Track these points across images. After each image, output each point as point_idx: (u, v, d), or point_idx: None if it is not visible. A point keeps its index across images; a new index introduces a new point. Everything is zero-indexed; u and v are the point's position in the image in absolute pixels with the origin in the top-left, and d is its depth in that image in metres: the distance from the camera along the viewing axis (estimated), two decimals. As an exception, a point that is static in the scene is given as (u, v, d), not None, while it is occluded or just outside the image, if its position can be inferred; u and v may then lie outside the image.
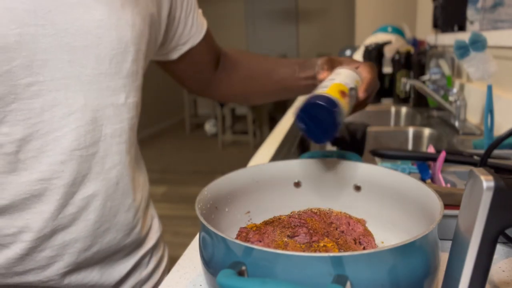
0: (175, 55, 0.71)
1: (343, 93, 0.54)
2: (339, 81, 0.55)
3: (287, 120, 1.54)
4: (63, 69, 0.49)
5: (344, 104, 0.53)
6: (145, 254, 0.68)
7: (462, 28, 1.56)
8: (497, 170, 0.66)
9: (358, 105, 0.61)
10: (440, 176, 0.67)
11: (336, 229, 0.48)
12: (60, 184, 0.52)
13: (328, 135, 0.52)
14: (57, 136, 0.51)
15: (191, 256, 0.56)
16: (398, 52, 1.73)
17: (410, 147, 1.31)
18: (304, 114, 0.51)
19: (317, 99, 0.51)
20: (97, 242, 0.58)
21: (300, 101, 0.58)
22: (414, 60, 1.65)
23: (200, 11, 0.74)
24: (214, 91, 0.80)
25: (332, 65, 0.62)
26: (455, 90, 1.29)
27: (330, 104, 0.51)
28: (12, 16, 0.45)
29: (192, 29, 0.70)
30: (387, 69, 1.84)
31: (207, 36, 0.74)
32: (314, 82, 0.68)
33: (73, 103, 0.51)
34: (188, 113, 5.84)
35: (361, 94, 0.57)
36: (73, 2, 0.49)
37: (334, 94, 0.52)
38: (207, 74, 0.77)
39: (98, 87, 0.53)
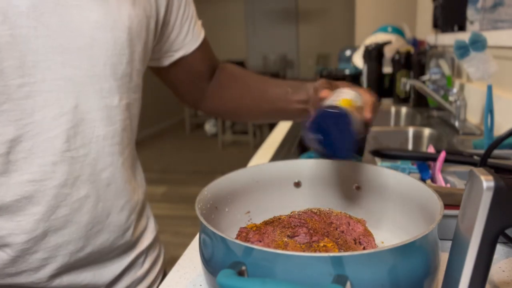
0: (166, 62, 0.70)
1: (354, 108, 0.50)
2: (347, 97, 0.52)
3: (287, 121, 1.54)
4: (55, 70, 0.49)
5: (357, 118, 0.49)
6: (140, 254, 0.68)
7: (462, 28, 1.56)
8: (497, 170, 0.66)
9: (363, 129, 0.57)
10: (440, 176, 0.67)
11: (336, 229, 0.48)
12: (51, 185, 0.52)
13: (346, 148, 0.47)
14: (48, 138, 0.50)
15: (191, 256, 0.56)
16: (398, 52, 1.73)
17: (410, 147, 1.31)
18: (316, 125, 0.46)
19: (331, 108, 0.47)
20: (89, 243, 0.57)
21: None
22: (414, 60, 1.65)
23: (199, 22, 0.73)
24: (206, 104, 0.78)
25: (331, 86, 0.60)
26: (455, 90, 1.29)
27: (346, 113, 0.47)
28: (4, 17, 0.45)
29: (187, 37, 0.69)
30: (387, 69, 1.84)
31: (203, 47, 0.73)
32: (305, 106, 0.67)
33: (65, 105, 0.51)
34: (188, 113, 5.84)
35: (368, 115, 0.54)
36: (68, 3, 0.49)
37: (346, 106, 0.48)
38: (200, 85, 0.76)
39: (91, 89, 0.53)
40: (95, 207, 0.56)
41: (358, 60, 2.05)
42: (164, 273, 0.76)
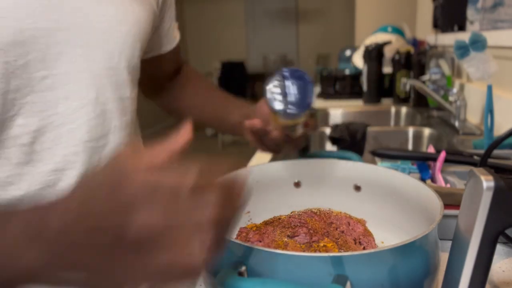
0: (141, 57, 0.73)
1: None
2: None
3: (287, 120, 1.54)
4: (76, 63, 0.51)
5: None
6: None
7: (462, 28, 1.56)
8: (497, 170, 0.66)
9: (297, 140, 0.61)
10: (440, 176, 0.67)
11: (336, 229, 0.48)
12: (73, 174, 0.53)
13: (303, 104, 0.53)
14: (70, 128, 0.52)
15: (191, 256, 0.56)
16: (398, 52, 1.73)
17: (410, 147, 1.31)
18: (285, 76, 0.53)
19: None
20: None
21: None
22: (414, 60, 1.65)
23: (176, 24, 0.76)
24: (161, 99, 0.82)
25: None
26: (455, 90, 1.29)
27: (309, 77, 0.54)
28: (29, 11, 0.46)
29: (165, 39, 0.72)
30: (387, 69, 1.84)
31: (176, 49, 0.76)
32: (243, 120, 0.70)
33: (85, 96, 0.52)
34: (188, 113, 5.83)
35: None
36: None
37: None
38: (162, 81, 0.80)
39: (109, 81, 0.54)
40: None
41: (358, 60, 2.05)
42: None
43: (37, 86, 0.49)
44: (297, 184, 0.60)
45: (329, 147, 1.32)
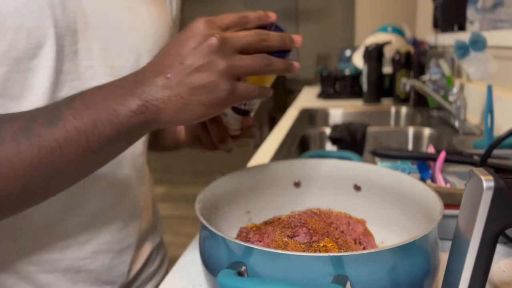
0: None
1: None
2: None
3: (287, 120, 1.55)
4: (111, 59, 0.55)
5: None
6: (153, 249, 0.71)
7: (462, 28, 1.56)
8: (497, 170, 0.66)
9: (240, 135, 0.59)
10: (440, 176, 0.67)
11: (336, 229, 0.48)
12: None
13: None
14: None
15: (191, 256, 0.56)
16: (398, 52, 1.73)
17: (410, 147, 1.31)
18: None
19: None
20: (128, 225, 0.61)
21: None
22: (414, 60, 1.65)
23: None
24: None
25: None
26: (455, 90, 1.29)
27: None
28: (80, 6, 0.52)
29: None
30: (387, 69, 1.84)
31: None
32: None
33: None
34: (188, 113, 5.82)
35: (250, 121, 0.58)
36: (121, 5, 0.56)
37: None
38: None
39: None
40: (135, 189, 0.61)
41: (358, 60, 2.05)
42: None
43: (82, 74, 0.53)
44: (297, 184, 0.60)
45: (329, 147, 1.32)
